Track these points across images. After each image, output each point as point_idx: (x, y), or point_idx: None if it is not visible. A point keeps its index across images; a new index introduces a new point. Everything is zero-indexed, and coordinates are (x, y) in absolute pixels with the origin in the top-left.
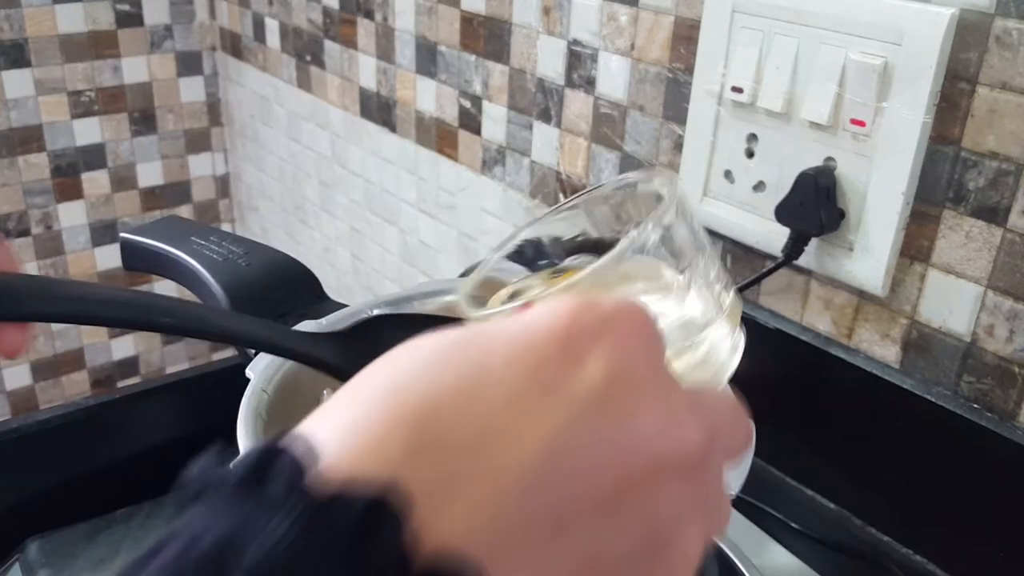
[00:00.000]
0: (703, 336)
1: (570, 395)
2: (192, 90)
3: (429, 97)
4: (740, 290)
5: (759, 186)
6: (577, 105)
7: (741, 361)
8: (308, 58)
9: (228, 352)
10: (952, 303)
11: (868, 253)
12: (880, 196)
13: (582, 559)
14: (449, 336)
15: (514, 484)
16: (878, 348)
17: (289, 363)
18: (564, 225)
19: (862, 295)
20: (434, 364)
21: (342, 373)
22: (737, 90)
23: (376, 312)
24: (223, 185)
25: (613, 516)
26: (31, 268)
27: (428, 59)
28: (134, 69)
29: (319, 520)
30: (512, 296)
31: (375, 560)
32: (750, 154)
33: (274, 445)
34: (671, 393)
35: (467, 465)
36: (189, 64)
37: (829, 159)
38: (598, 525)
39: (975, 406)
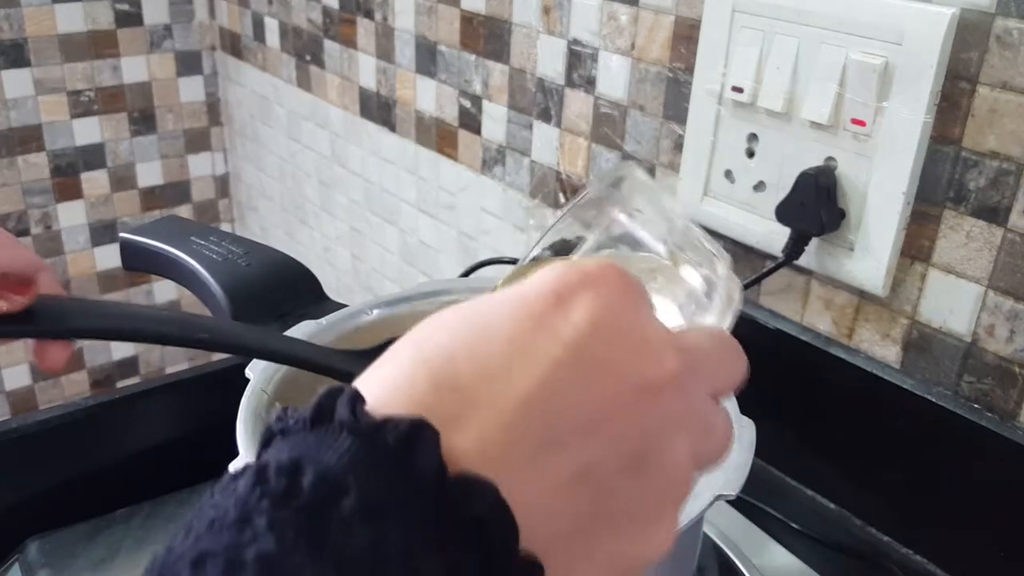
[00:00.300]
0: (712, 302)
1: (559, 336)
2: (192, 90)
3: (429, 97)
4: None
5: (759, 186)
6: (577, 105)
7: None
8: (308, 58)
9: None
10: (952, 303)
11: (868, 253)
12: (880, 196)
13: (577, 470)
14: (460, 305)
15: (515, 411)
16: (878, 348)
17: None
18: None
19: (862, 295)
20: (447, 324)
21: None
22: (737, 90)
23: (376, 312)
24: (223, 185)
25: (600, 433)
26: None
27: (428, 59)
28: (134, 69)
29: (372, 439)
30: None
31: (418, 465)
32: (750, 154)
33: (329, 394)
34: (649, 329)
35: (477, 398)
36: (189, 64)
37: (829, 159)
38: (588, 441)
39: (975, 406)
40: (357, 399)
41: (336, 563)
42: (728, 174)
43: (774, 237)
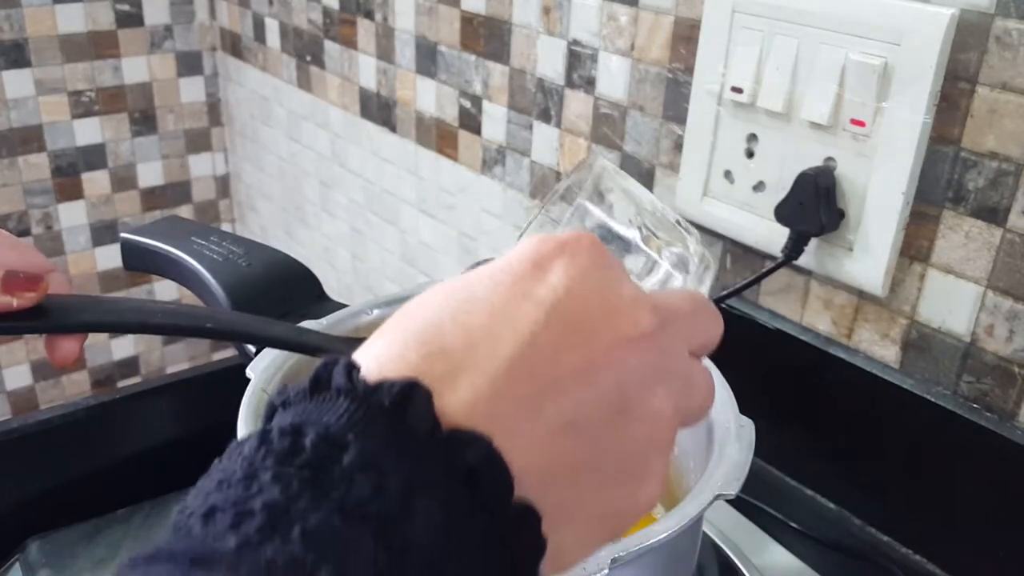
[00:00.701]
0: (689, 273)
1: (538, 299)
2: (192, 90)
3: (429, 97)
4: (740, 290)
5: (759, 186)
6: (577, 105)
7: (741, 360)
8: (308, 58)
9: (228, 352)
10: (952, 303)
11: (868, 253)
12: (880, 196)
13: (564, 420)
14: (444, 282)
15: (501, 371)
16: (878, 348)
17: (289, 363)
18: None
19: (862, 295)
20: (433, 300)
21: None
22: (737, 90)
23: (376, 312)
24: (223, 185)
25: (582, 386)
26: None
27: (428, 59)
28: (134, 69)
29: (368, 401)
30: None
31: (413, 421)
32: (750, 154)
33: (325, 365)
34: (623, 289)
35: (464, 362)
36: (189, 64)
37: (829, 159)
38: (572, 393)
39: (975, 406)
40: (352, 367)
41: (339, 508)
42: (728, 174)
43: (773, 237)
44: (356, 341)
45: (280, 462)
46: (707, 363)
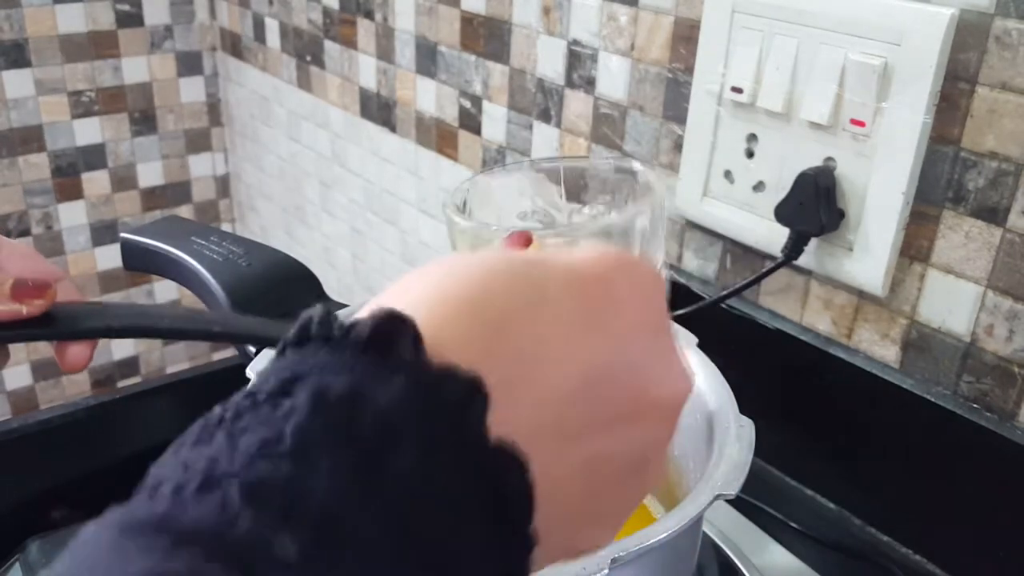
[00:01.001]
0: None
1: (605, 336)
2: (192, 90)
3: (429, 97)
4: (740, 290)
5: (759, 186)
6: (577, 105)
7: (741, 360)
8: (308, 58)
9: (228, 352)
10: (952, 303)
11: (868, 253)
12: (880, 196)
13: (591, 461)
14: (515, 254)
15: (554, 397)
16: (878, 348)
17: None
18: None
19: (862, 295)
20: (505, 274)
21: None
22: (737, 90)
23: None
24: (223, 185)
25: (619, 435)
26: None
27: (428, 59)
28: (134, 69)
29: (433, 393)
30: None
31: (468, 430)
32: (750, 154)
33: (393, 316)
34: (672, 347)
35: (525, 373)
36: (189, 64)
37: (829, 159)
38: (607, 439)
39: (975, 406)
40: (418, 338)
41: (387, 511)
42: (728, 174)
43: (773, 237)
44: None
45: (338, 442)
46: (706, 361)
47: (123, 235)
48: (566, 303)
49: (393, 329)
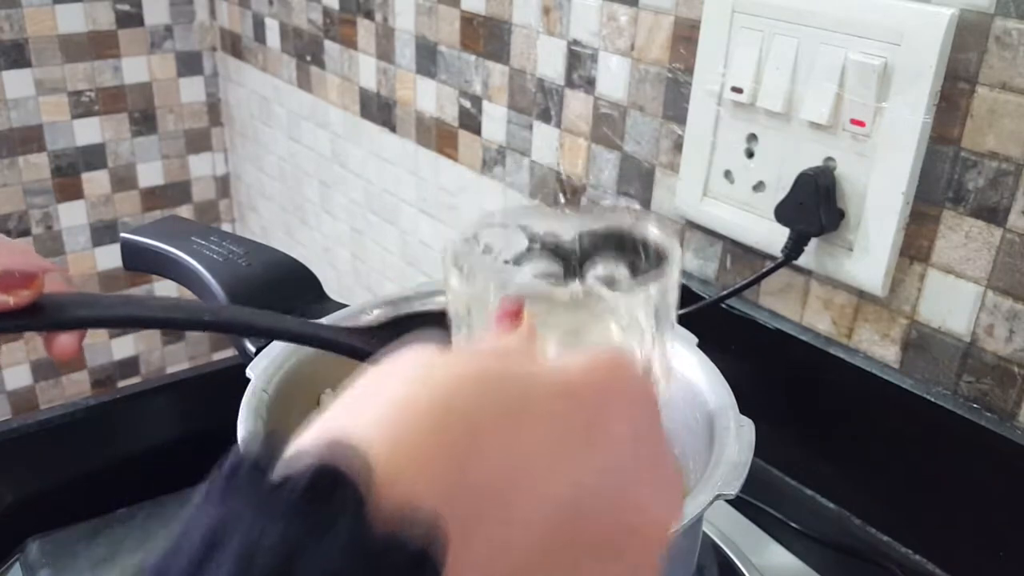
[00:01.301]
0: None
1: (592, 454)
2: (192, 90)
3: (429, 97)
4: (740, 290)
5: (759, 186)
6: (577, 105)
7: (741, 360)
8: (308, 58)
9: (228, 352)
10: (952, 303)
11: (868, 253)
12: (880, 196)
13: None
14: (490, 358)
15: (522, 540)
16: (878, 348)
17: (289, 363)
18: (559, 226)
19: (862, 295)
20: (477, 385)
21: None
22: (737, 90)
23: (376, 312)
24: (223, 185)
25: (597, 568)
26: None
27: (428, 59)
28: (134, 69)
29: (378, 558)
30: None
31: None
32: (750, 154)
33: (333, 464)
34: (665, 462)
35: (491, 510)
36: (189, 64)
37: (829, 159)
38: (584, 571)
39: (975, 406)
40: (367, 486)
41: None
42: (727, 174)
43: (773, 237)
44: (365, 332)
45: None
46: (706, 361)
47: (123, 235)
48: (549, 418)
49: (336, 479)
